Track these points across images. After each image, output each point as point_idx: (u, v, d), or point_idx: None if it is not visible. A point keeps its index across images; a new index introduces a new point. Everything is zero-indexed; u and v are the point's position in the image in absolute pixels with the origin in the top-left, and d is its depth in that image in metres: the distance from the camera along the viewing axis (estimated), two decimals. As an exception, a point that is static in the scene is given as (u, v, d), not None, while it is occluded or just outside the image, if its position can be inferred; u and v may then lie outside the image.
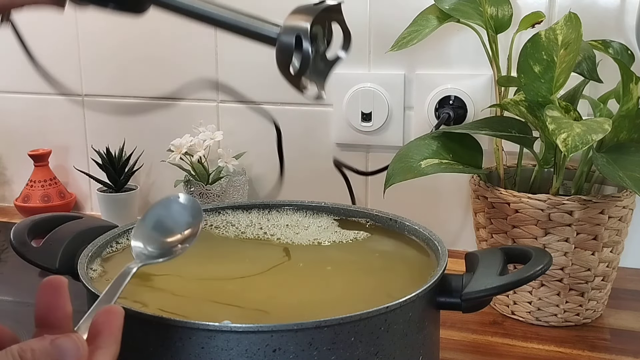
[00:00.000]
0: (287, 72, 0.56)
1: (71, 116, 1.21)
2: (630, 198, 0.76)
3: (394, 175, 0.77)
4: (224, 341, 0.48)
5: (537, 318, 0.80)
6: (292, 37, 0.55)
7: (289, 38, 0.55)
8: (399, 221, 0.71)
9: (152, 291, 0.62)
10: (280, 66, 0.56)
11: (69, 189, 1.24)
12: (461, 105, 0.98)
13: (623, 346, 0.75)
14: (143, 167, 1.17)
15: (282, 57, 0.56)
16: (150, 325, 0.50)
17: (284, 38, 0.55)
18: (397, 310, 0.52)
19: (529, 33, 0.79)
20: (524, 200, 0.75)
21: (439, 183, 1.01)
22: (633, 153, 0.72)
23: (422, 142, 0.80)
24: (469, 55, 0.97)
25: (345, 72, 1.04)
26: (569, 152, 0.63)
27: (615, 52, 0.81)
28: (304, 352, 0.48)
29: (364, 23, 1.02)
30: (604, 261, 0.77)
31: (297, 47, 0.55)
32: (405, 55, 0.98)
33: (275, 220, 0.74)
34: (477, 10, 0.83)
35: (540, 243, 0.76)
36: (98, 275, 0.61)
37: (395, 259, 0.67)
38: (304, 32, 0.54)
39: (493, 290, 0.56)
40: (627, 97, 0.72)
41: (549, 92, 0.73)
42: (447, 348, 0.75)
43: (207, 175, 1.05)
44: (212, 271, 0.66)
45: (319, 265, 0.66)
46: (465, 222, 1.03)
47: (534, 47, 0.73)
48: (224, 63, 1.10)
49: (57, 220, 0.67)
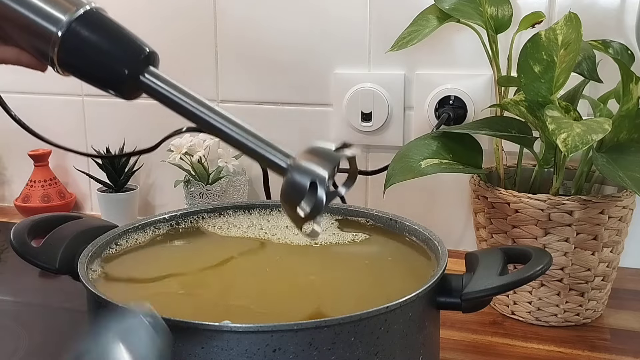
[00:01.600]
0: (292, 208, 0.53)
1: (71, 116, 1.21)
2: (630, 198, 0.76)
3: (394, 175, 0.77)
4: (224, 341, 0.48)
5: (537, 318, 0.80)
6: (307, 181, 0.51)
7: (304, 180, 0.51)
8: (399, 221, 0.71)
9: (152, 291, 0.62)
10: (286, 201, 0.53)
11: (69, 189, 1.24)
12: (461, 105, 0.98)
13: (623, 346, 0.75)
14: (143, 167, 1.17)
15: (291, 194, 0.52)
16: (150, 325, 0.49)
17: (298, 178, 0.52)
18: (397, 310, 0.52)
19: (529, 33, 0.79)
20: (524, 200, 0.75)
21: (439, 183, 1.01)
22: (633, 153, 0.72)
23: (422, 142, 0.80)
24: (469, 55, 0.97)
25: (345, 72, 1.04)
26: (569, 152, 0.63)
27: (615, 52, 0.81)
28: (304, 352, 0.48)
29: (364, 23, 1.02)
30: (604, 261, 0.77)
31: (309, 189, 0.51)
32: (405, 55, 0.98)
33: (275, 221, 0.74)
34: (477, 10, 0.83)
35: (540, 243, 0.76)
36: (98, 275, 0.61)
37: (395, 258, 0.67)
38: (322, 181, 0.51)
39: (493, 290, 0.56)
40: (627, 97, 0.72)
41: (549, 92, 0.73)
42: (447, 348, 0.75)
43: (207, 175, 1.05)
44: (212, 271, 0.67)
45: (318, 265, 0.66)
46: (465, 222, 1.03)
47: (534, 47, 0.73)
48: (225, 63, 1.10)
49: (57, 220, 0.67)
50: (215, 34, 1.09)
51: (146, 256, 0.67)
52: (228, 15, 1.08)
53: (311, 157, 0.53)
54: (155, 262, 0.67)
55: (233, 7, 1.07)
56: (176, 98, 0.54)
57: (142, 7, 1.10)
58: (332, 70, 1.04)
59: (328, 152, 0.53)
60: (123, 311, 0.45)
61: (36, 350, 0.75)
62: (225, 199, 1.04)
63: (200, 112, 0.54)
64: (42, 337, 0.78)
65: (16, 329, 0.79)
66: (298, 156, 0.53)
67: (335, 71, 1.04)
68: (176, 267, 0.66)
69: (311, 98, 1.07)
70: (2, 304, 0.88)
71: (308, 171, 0.52)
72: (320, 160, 0.52)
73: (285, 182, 0.53)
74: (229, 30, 1.09)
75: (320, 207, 0.52)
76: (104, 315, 0.53)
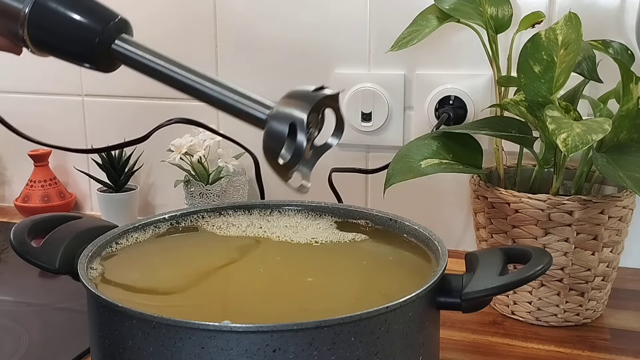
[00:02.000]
0: (274, 159, 0.51)
1: (71, 116, 1.21)
2: (630, 198, 0.76)
3: (394, 175, 0.77)
4: (224, 341, 0.48)
5: (537, 318, 0.80)
6: (286, 126, 0.50)
7: (282, 126, 0.50)
8: (398, 221, 0.71)
9: (152, 291, 0.62)
10: (268, 152, 0.51)
11: (69, 189, 1.24)
12: (461, 105, 0.98)
13: (623, 346, 0.75)
14: (143, 167, 1.17)
15: (271, 143, 0.51)
16: (150, 325, 0.50)
17: (276, 125, 0.50)
18: (397, 311, 0.52)
19: (529, 33, 0.79)
20: (524, 200, 0.75)
21: (439, 183, 1.01)
22: (633, 153, 0.72)
23: (422, 142, 0.80)
24: (469, 55, 0.97)
25: (345, 72, 1.04)
26: (569, 152, 0.63)
27: (615, 52, 0.81)
28: (304, 352, 0.48)
29: (364, 23, 1.02)
30: (604, 261, 0.77)
31: (289, 136, 0.50)
32: (405, 55, 0.98)
33: (276, 221, 0.74)
34: (477, 10, 0.83)
35: (540, 243, 0.76)
36: (98, 275, 0.61)
37: (395, 258, 0.67)
38: (300, 123, 0.49)
39: (493, 291, 0.56)
40: (627, 97, 0.72)
41: (549, 92, 0.73)
42: (447, 348, 0.75)
43: (207, 175, 1.05)
44: (212, 270, 0.67)
45: (318, 266, 0.66)
46: (465, 222, 1.03)
47: (534, 47, 0.73)
48: (224, 63, 1.10)
49: (57, 220, 0.67)
50: (215, 34, 1.09)
51: (146, 256, 0.67)
52: (227, 15, 1.08)
53: (288, 101, 0.51)
54: (155, 262, 0.67)
55: (233, 6, 1.07)
56: (150, 62, 0.54)
57: (142, 6, 1.10)
58: (332, 70, 1.05)
59: (305, 94, 0.51)
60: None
61: (36, 350, 0.75)
62: (225, 199, 1.04)
63: (175, 73, 0.53)
64: (42, 337, 0.78)
65: (16, 329, 0.79)
66: (276, 104, 0.52)
67: (335, 71, 1.04)
68: (176, 267, 0.66)
69: (311, 98, 1.07)
70: (2, 304, 0.88)
71: (285, 115, 0.50)
72: (298, 102, 0.51)
73: (264, 133, 0.51)
74: (228, 30, 1.09)
75: (301, 151, 0.50)
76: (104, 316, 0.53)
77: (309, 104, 0.51)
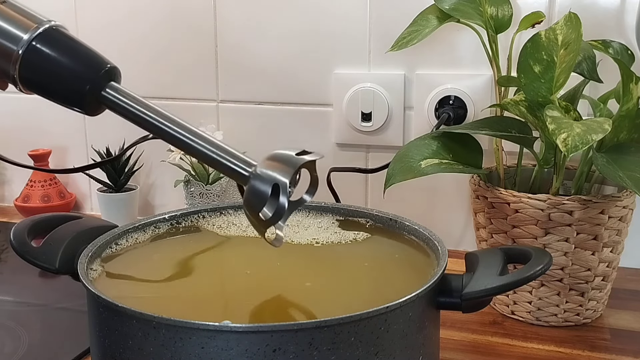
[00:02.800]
0: (255, 215, 0.54)
1: (71, 116, 1.21)
2: (630, 198, 0.76)
3: (394, 175, 0.77)
4: (224, 341, 0.48)
5: (537, 318, 0.80)
6: (269, 187, 0.53)
7: (265, 187, 0.53)
8: (399, 221, 0.71)
9: (152, 291, 0.62)
10: (249, 207, 0.54)
11: (69, 189, 1.24)
12: (461, 105, 0.98)
13: (623, 346, 0.75)
14: (143, 167, 1.17)
15: (253, 201, 0.54)
16: (150, 325, 0.50)
17: (260, 185, 0.53)
18: (397, 310, 0.52)
19: (529, 33, 0.79)
20: (524, 200, 0.75)
21: (439, 183, 1.01)
22: (633, 153, 0.72)
23: (422, 142, 0.80)
24: (469, 55, 0.97)
25: (345, 72, 1.04)
26: (569, 152, 0.63)
27: (615, 52, 0.81)
28: (304, 352, 0.48)
29: (364, 23, 1.02)
30: (604, 261, 0.77)
31: (271, 195, 0.53)
32: (405, 55, 0.98)
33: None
34: (477, 10, 0.83)
35: (540, 243, 0.76)
36: (98, 275, 0.61)
37: (395, 258, 0.67)
38: (283, 187, 0.52)
39: (493, 291, 0.56)
40: (627, 97, 0.72)
41: (549, 92, 0.73)
42: (447, 348, 0.75)
43: (207, 175, 1.05)
44: (212, 270, 0.67)
45: (319, 265, 0.66)
46: (465, 222, 1.03)
47: (534, 47, 0.73)
48: (224, 63, 1.10)
49: (57, 220, 0.67)
50: (215, 34, 1.09)
51: (146, 256, 0.67)
52: (228, 15, 1.08)
53: (272, 163, 0.54)
54: (155, 261, 0.67)
55: (233, 6, 1.07)
56: (137, 111, 0.55)
57: (143, 7, 1.10)
58: (332, 70, 1.05)
59: (289, 158, 0.54)
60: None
61: (36, 350, 0.75)
62: (225, 199, 1.04)
63: (162, 124, 0.55)
64: (42, 337, 0.78)
65: (16, 329, 0.79)
66: (259, 164, 0.54)
67: (335, 71, 1.05)
68: (176, 267, 0.66)
69: (311, 98, 1.07)
70: (2, 304, 0.88)
71: (269, 177, 0.53)
72: (281, 165, 0.53)
73: (247, 189, 0.54)
74: (228, 30, 1.09)
75: (282, 211, 0.53)
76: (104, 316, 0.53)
77: (292, 169, 0.53)
